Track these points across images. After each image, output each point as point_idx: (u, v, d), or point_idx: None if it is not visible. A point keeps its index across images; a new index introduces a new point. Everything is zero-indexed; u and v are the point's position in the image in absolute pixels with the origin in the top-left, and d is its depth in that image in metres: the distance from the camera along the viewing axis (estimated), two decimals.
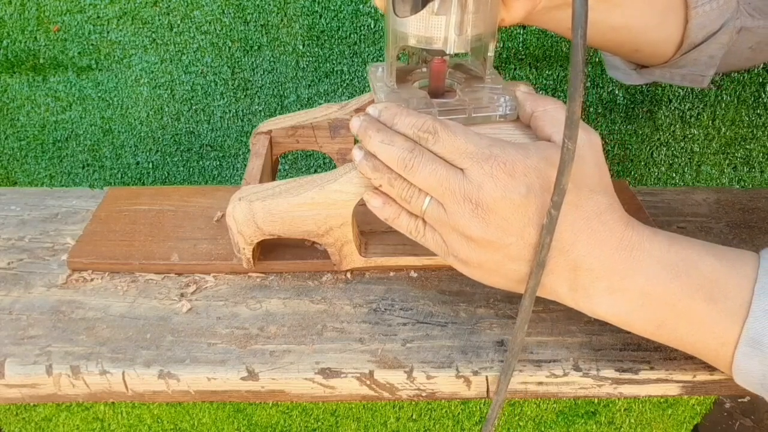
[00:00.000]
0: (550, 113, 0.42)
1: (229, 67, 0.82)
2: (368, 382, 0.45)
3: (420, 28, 0.44)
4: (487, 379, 0.45)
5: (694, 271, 0.39)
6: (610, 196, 0.40)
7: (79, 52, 0.81)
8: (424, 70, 0.51)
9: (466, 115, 0.45)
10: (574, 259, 0.39)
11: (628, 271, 0.39)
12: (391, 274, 0.53)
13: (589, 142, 0.40)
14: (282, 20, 0.78)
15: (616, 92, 0.83)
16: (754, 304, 0.37)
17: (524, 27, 0.79)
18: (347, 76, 0.83)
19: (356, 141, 0.58)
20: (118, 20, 0.79)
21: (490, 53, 0.47)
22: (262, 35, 0.80)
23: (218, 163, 0.90)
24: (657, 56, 0.54)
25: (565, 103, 0.37)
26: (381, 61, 0.81)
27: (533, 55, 0.81)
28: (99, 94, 0.85)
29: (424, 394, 0.46)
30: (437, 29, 0.43)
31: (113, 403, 1.01)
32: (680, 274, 0.39)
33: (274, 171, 0.58)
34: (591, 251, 0.39)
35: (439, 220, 0.41)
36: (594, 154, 0.40)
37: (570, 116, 0.33)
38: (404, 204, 0.43)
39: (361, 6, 0.77)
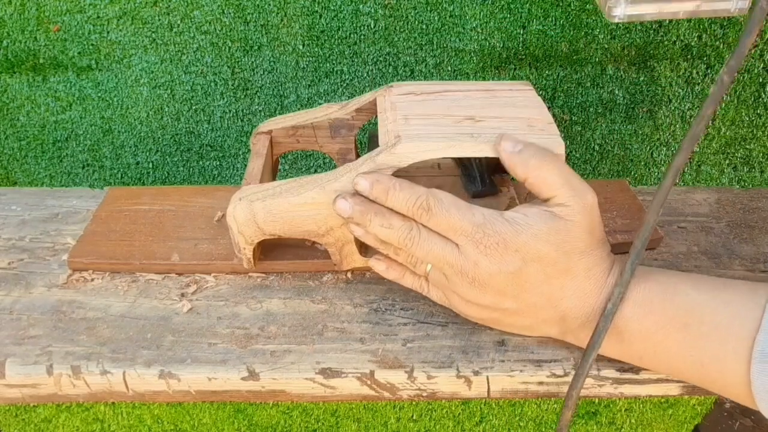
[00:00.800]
0: (544, 178, 0.41)
1: (229, 67, 0.82)
2: (369, 382, 0.45)
3: None
4: (487, 379, 0.45)
5: (669, 304, 0.41)
6: (600, 249, 0.42)
7: (79, 52, 0.81)
8: None
9: (694, 7, 0.38)
10: (563, 311, 0.43)
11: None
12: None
13: (583, 207, 0.41)
14: (282, 20, 0.78)
15: (616, 92, 0.83)
16: (765, 320, 0.37)
17: (524, 27, 0.79)
18: (347, 76, 0.82)
19: (360, 145, 0.58)
20: (118, 20, 0.79)
21: None
22: (262, 35, 0.80)
23: (218, 163, 0.90)
24: None
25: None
26: (382, 61, 0.81)
27: (533, 55, 0.81)
28: (99, 94, 0.85)
29: (424, 394, 0.46)
30: None
31: (113, 403, 1.01)
32: (653, 309, 0.41)
33: (274, 171, 0.58)
34: (576, 303, 0.42)
35: (441, 284, 0.45)
36: (587, 218, 0.41)
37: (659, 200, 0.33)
38: (409, 267, 0.46)
39: (361, 6, 0.77)
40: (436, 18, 0.78)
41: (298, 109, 0.75)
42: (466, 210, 0.41)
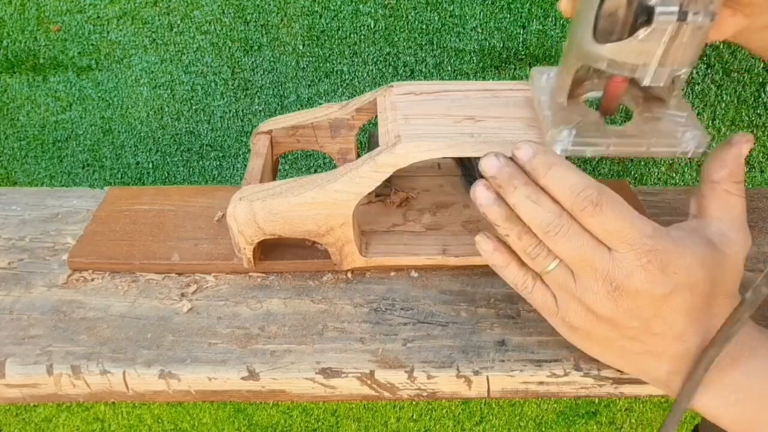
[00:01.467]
0: (730, 201, 0.39)
1: (229, 67, 0.82)
2: (369, 382, 0.45)
3: (615, 52, 0.37)
4: (487, 379, 0.45)
5: None
6: (735, 297, 0.39)
7: (79, 52, 0.81)
8: (596, 81, 0.44)
9: (644, 149, 0.40)
10: (687, 348, 0.38)
11: (726, 365, 0.38)
12: (392, 273, 0.53)
13: (744, 249, 0.39)
14: (282, 20, 0.78)
15: None
16: None
17: (524, 27, 0.79)
18: (347, 76, 0.82)
19: (360, 145, 0.58)
20: (118, 20, 0.79)
21: (684, 75, 0.39)
22: (262, 35, 0.80)
23: (218, 163, 0.90)
24: None
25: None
26: (382, 61, 0.81)
27: (533, 55, 0.81)
28: (99, 94, 0.85)
29: (424, 394, 0.46)
30: (636, 56, 0.37)
31: (113, 403, 1.01)
32: None
33: (274, 171, 0.58)
34: (702, 345, 0.38)
35: (563, 286, 0.39)
36: (742, 260, 0.39)
37: None
38: (525, 258, 0.40)
39: (361, 6, 0.77)
40: (436, 18, 0.78)
41: (298, 109, 0.75)
42: (638, 217, 0.37)
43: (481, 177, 0.54)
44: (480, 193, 0.40)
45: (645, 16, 0.34)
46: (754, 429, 0.38)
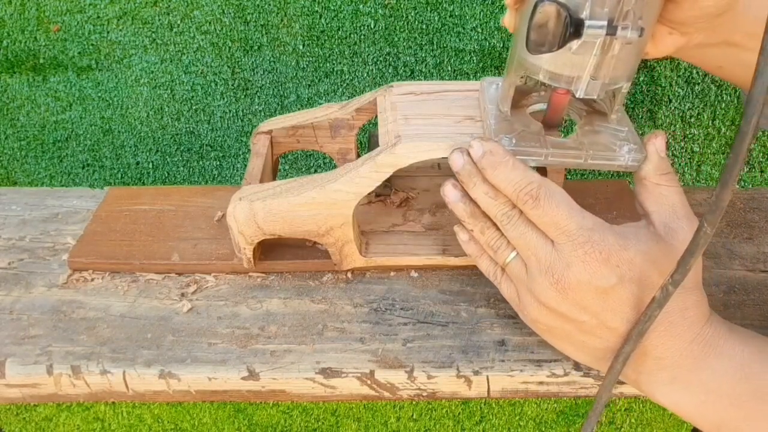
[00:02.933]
0: (662, 192, 0.40)
1: (229, 67, 0.82)
2: (369, 382, 0.45)
3: (551, 64, 0.38)
4: (487, 379, 0.45)
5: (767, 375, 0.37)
6: (699, 292, 0.39)
7: (79, 52, 0.81)
8: (542, 93, 0.47)
9: (582, 160, 0.42)
10: (645, 347, 0.39)
11: (695, 366, 0.38)
12: (392, 273, 0.53)
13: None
14: (282, 20, 0.78)
15: None
16: None
17: None
18: (347, 76, 0.82)
19: (360, 145, 0.58)
20: (118, 20, 0.79)
21: (623, 90, 0.41)
22: (262, 35, 0.80)
23: (218, 163, 0.90)
24: None
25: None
26: (382, 61, 0.81)
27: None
28: (99, 94, 0.85)
29: (424, 394, 0.46)
30: (570, 68, 0.38)
31: (114, 403, 1.01)
32: (750, 376, 0.37)
33: (274, 171, 0.58)
34: (663, 342, 0.39)
35: (519, 278, 0.42)
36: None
37: (717, 203, 0.30)
38: (489, 251, 0.43)
39: (361, 6, 0.77)
40: (436, 18, 0.78)
41: (299, 109, 0.75)
42: (576, 210, 0.39)
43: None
44: (448, 190, 0.42)
45: (575, 29, 0.35)
46: (723, 427, 0.38)
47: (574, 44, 0.36)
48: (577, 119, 0.45)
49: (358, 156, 0.56)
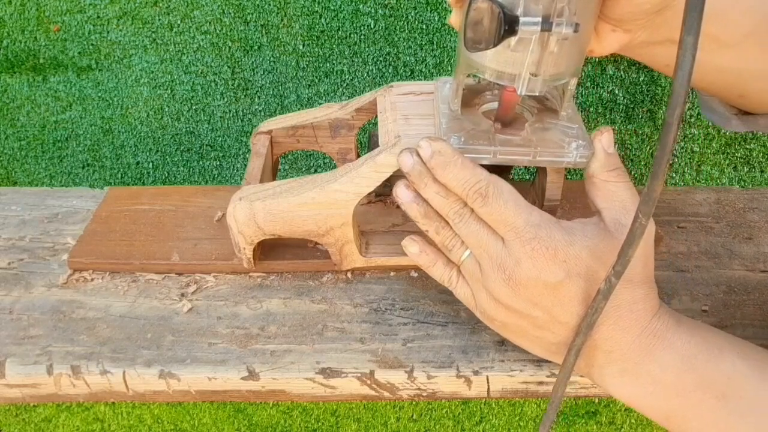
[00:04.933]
0: (611, 188, 0.40)
1: (229, 67, 0.82)
2: (369, 382, 0.45)
3: (494, 61, 0.39)
4: (487, 379, 0.45)
5: (712, 365, 0.38)
6: (648, 286, 0.40)
7: (79, 52, 0.81)
8: (495, 92, 0.47)
9: (531, 157, 0.42)
10: (596, 340, 0.40)
11: (643, 358, 0.39)
12: (392, 273, 0.53)
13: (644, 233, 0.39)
14: (282, 20, 0.78)
15: (617, 92, 0.83)
16: None
17: None
18: (347, 76, 0.82)
19: (360, 145, 0.58)
20: (118, 20, 0.79)
21: (571, 87, 0.42)
22: (262, 35, 0.80)
23: (218, 163, 0.90)
24: (764, 105, 0.48)
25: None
26: (382, 61, 0.81)
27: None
28: (99, 94, 0.85)
29: (424, 394, 0.46)
30: (511, 66, 0.38)
31: (113, 403, 1.01)
32: (696, 366, 0.38)
33: (274, 171, 0.58)
34: (612, 335, 0.39)
35: (473, 276, 0.42)
36: (643, 246, 0.39)
37: (649, 193, 0.31)
38: (445, 251, 0.43)
39: (361, 6, 0.77)
40: (436, 18, 0.78)
41: (299, 109, 0.75)
42: (524, 207, 0.39)
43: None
44: (400, 191, 0.42)
45: (510, 25, 0.35)
46: (671, 418, 0.39)
47: (512, 41, 0.37)
48: (529, 116, 0.45)
49: (358, 156, 0.56)
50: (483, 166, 0.50)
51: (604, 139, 0.41)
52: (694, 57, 0.27)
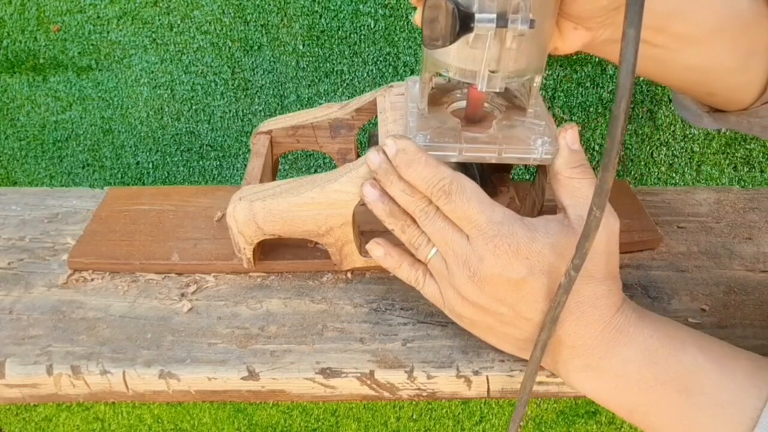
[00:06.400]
0: (575, 185, 0.40)
1: (229, 67, 0.82)
2: (369, 382, 0.45)
3: (456, 59, 0.39)
4: (487, 379, 0.45)
5: (673, 360, 0.38)
6: (611, 282, 0.40)
7: (79, 52, 0.81)
8: (464, 91, 0.48)
9: (496, 154, 0.43)
10: (560, 336, 0.40)
11: (605, 353, 0.39)
12: (392, 274, 0.53)
13: (606, 229, 0.39)
14: (282, 20, 0.78)
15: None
16: (764, 417, 0.35)
17: None
18: (347, 76, 0.83)
19: (360, 145, 0.58)
20: (118, 20, 0.79)
21: (536, 84, 0.43)
22: (262, 35, 0.80)
23: (218, 163, 0.90)
24: (734, 102, 0.48)
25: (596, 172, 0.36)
26: (382, 61, 0.81)
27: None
28: (99, 94, 0.85)
29: (424, 394, 0.46)
30: (472, 63, 0.39)
31: (113, 403, 1.01)
32: (658, 361, 0.38)
33: (274, 171, 0.58)
34: (576, 331, 0.39)
35: (440, 273, 0.42)
36: (606, 242, 0.39)
37: (601, 186, 0.31)
38: (412, 249, 0.43)
39: (361, 6, 0.77)
40: None
41: (299, 109, 0.75)
42: (487, 204, 0.39)
43: (480, 176, 0.54)
44: (366, 190, 0.43)
45: (466, 22, 0.36)
46: (635, 413, 0.39)
47: (470, 38, 0.37)
48: (497, 113, 0.46)
49: (358, 156, 0.56)
50: (483, 165, 0.50)
51: (569, 136, 0.41)
52: (636, 49, 0.28)
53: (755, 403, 0.36)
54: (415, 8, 0.41)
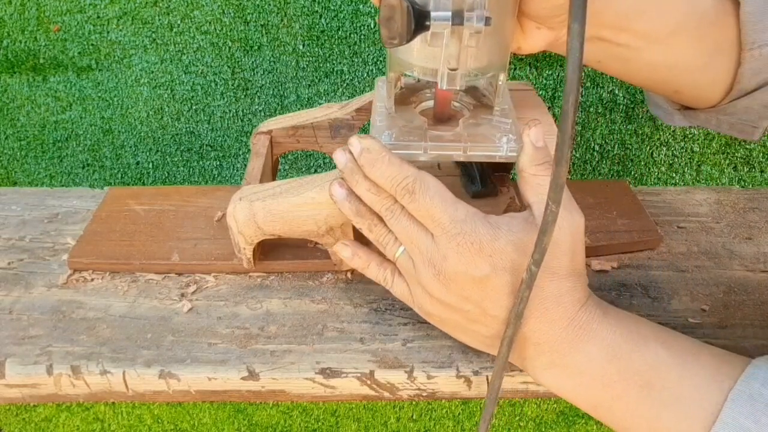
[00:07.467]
0: (540, 182, 0.40)
1: (229, 67, 0.82)
2: (369, 382, 0.45)
3: (418, 58, 0.40)
4: (487, 379, 0.45)
5: (636, 355, 0.38)
6: (576, 278, 0.40)
7: (79, 52, 0.81)
8: (433, 90, 0.48)
9: (461, 152, 0.43)
10: (525, 333, 0.40)
11: (569, 350, 0.39)
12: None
13: (569, 226, 0.39)
14: (282, 20, 0.78)
15: (616, 92, 0.83)
16: (725, 412, 0.35)
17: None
18: (347, 76, 0.82)
19: None
20: (118, 20, 0.79)
21: (501, 82, 0.43)
22: (262, 35, 0.80)
23: (218, 163, 0.90)
24: (701, 99, 0.48)
25: None
26: (382, 61, 0.81)
27: (533, 55, 0.81)
28: (99, 94, 0.85)
29: (424, 394, 0.46)
30: (432, 61, 0.39)
31: (113, 403, 1.01)
32: (621, 356, 0.38)
33: (274, 171, 0.58)
34: (540, 327, 0.40)
35: (408, 272, 0.43)
36: (570, 239, 0.39)
37: (555, 180, 0.32)
38: (379, 247, 0.44)
39: (361, 6, 0.77)
40: None
41: (299, 109, 0.75)
42: (450, 203, 0.39)
43: (480, 176, 0.54)
44: (334, 189, 0.43)
45: (421, 20, 0.36)
46: (599, 408, 0.40)
47: (428, 36, 0.37)
48: (465, 111, 0.46)
49: None
50: (483, 165, 0.50)
51: (533, 133, 0.41)
52: (582, 44, 0.28)
53: (717, 397, 0.36)
54: (378, 9, 0.41)
